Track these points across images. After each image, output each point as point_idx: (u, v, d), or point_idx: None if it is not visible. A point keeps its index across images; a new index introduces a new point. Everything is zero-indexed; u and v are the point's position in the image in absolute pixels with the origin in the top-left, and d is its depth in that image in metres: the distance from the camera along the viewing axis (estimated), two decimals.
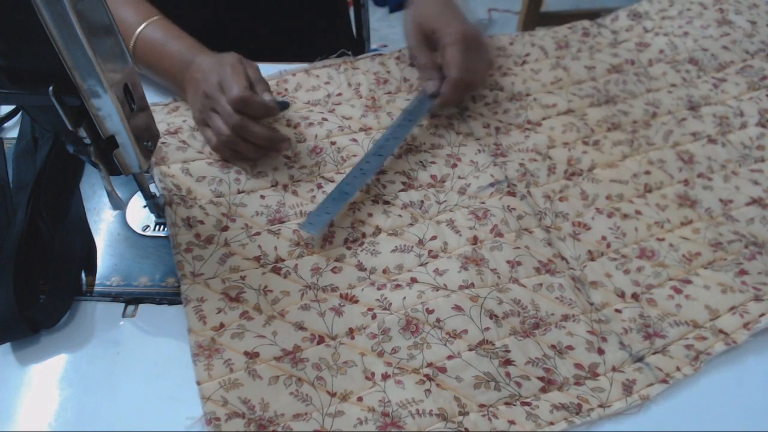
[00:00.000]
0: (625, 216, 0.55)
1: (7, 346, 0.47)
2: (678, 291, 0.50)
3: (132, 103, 0.41)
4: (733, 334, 0.47)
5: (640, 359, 0.46)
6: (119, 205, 0.49)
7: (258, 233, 0.53)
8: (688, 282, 0.51)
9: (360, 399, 0.44)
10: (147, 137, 0.44)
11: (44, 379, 0.45)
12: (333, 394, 0.44)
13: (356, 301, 0.49)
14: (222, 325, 0.47)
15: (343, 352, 0.46)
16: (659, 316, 0.48)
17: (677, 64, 0.69)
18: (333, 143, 0.60)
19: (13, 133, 0.61)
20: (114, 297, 0.50)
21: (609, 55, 0.70)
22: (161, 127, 0.60)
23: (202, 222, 0.53)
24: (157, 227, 0.54)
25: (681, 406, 0.45)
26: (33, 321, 0.47)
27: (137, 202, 0.55)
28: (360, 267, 0.51)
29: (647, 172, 0.58)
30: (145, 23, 0.59)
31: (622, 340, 0.47)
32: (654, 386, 0.45)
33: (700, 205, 0.56)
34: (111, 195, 0.46)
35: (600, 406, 0.44)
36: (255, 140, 0.56)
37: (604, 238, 0.53)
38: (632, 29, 0.74)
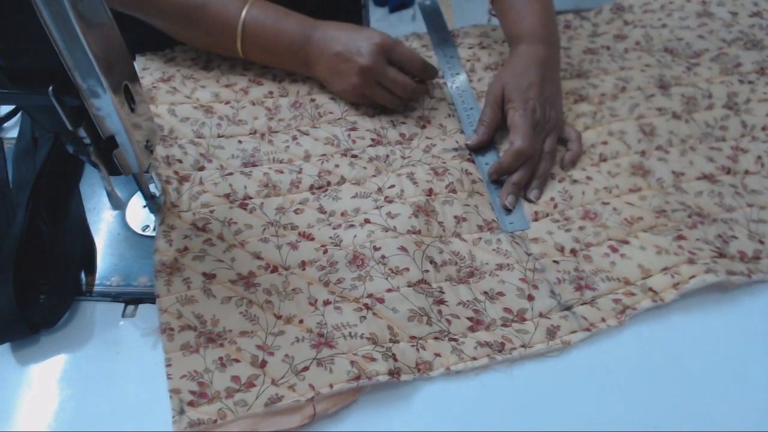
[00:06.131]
0: (575, 181, 0.57)
1: (7, 346, 0.47)
2: (614, 250, 0.52)
3: (132, 103, 0.41)
4: (662, 293, 0.49)
5: (568, 308, 0.49)
6: (119, 205, 0.49)
7: (231, 173, 0.57)
8: (626, 243, 0.53)
9: (301, 321, 0.48)
10: (147, 137, 0.44)
11: (44, 379, 0.46)
12: (279, 317, 0.48)
13: (312, 239, 0.53)
14: (186, 248, 0.51)
15: (293, 280, 0.50)
16: (593, 271, 0.51)
17: (653, 52, 0.70)
18: (313, 100, 0.64)
19: (13, 133, 0.61)
20: (114, 297, 0.50)
21: (586, 41, 0.72)
22: (156, 75, 0.65)
23: (180, 161, 0.57)
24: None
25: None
26: (33, 321, 0.47)
27: (137, 202, 0.56)
28: (321, 210, 0.55)
29: (605, 143, 0.60)
30: (246, 6, 0.60)
31: (554, 289, 0.50)
32: (577, 333, 0.48)
33: (652, 175, 0.58)
34: (111, 195, 0.46)
35: (522, 346, 0.47)
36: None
37: (552, 199, 0.56)
38: (612, 22, 0.75)
